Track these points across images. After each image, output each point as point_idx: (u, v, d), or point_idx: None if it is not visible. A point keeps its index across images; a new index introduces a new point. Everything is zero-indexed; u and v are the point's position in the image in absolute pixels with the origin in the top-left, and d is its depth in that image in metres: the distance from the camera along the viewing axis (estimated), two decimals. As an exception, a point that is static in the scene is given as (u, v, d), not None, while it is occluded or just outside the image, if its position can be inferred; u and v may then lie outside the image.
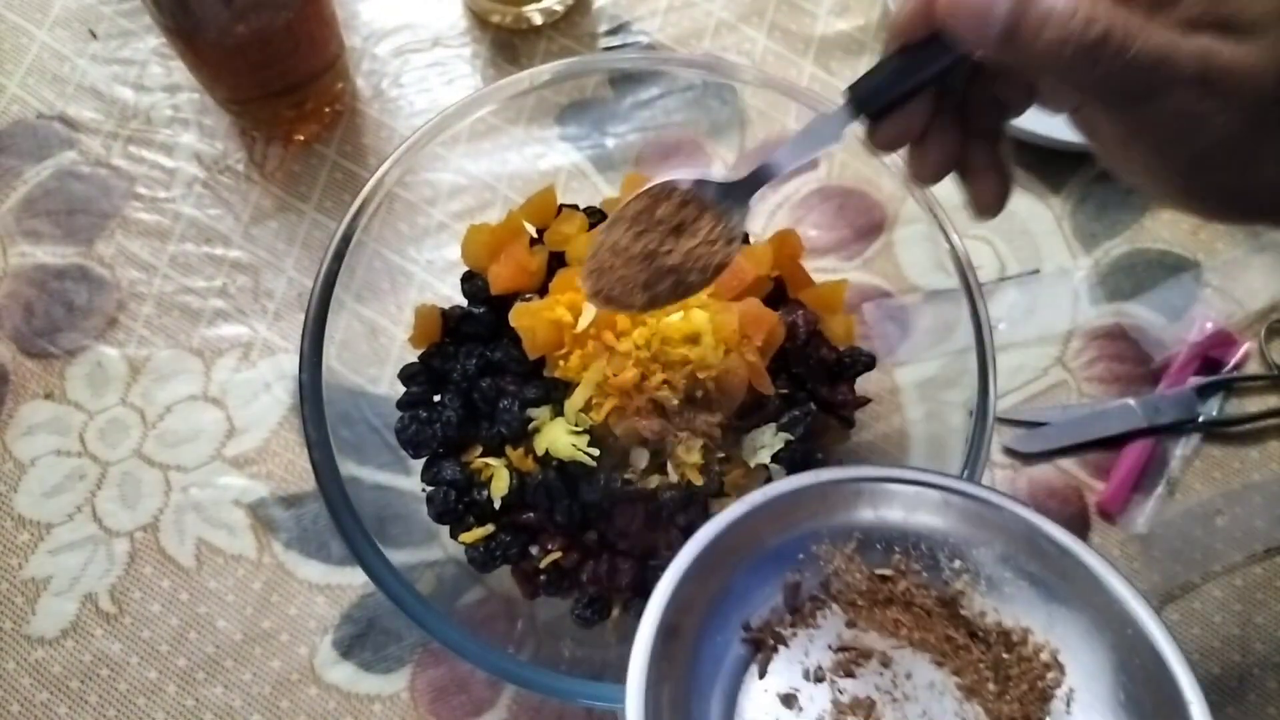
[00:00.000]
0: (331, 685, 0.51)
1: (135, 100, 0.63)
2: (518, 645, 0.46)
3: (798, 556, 0.35)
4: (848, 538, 0.35)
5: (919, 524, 0.35)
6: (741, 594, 0.35)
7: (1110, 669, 0.32)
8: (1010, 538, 0.35)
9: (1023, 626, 0.34)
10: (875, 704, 0.33)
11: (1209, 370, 0.58)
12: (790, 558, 0.35)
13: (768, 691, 0.33)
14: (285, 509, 0.54)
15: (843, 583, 0.35)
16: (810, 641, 0.35)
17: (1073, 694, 0.33)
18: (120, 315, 0.58)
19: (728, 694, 0.33)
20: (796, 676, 0.34)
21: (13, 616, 0.52)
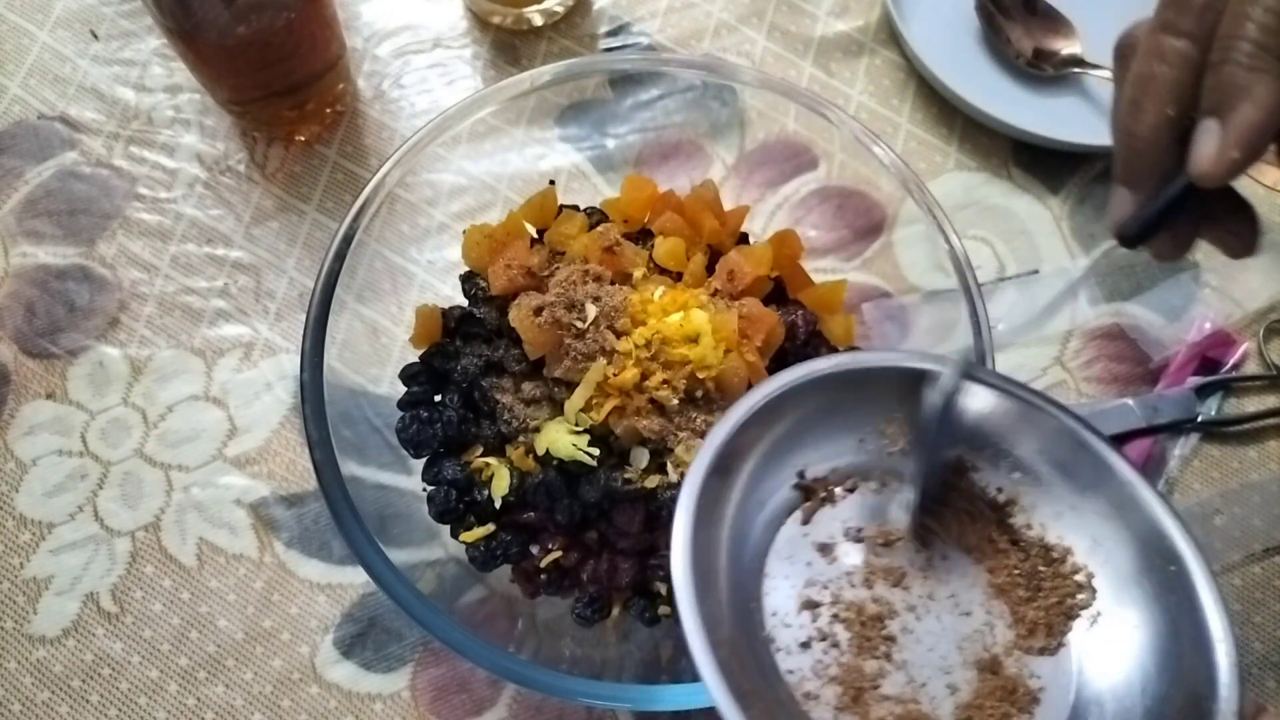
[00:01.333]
0: (332, 684, 0.51)
1: (137, 101, 0.63)
2: (518, 644, 0.46)
3: (868, 427, 0.36)
4: (915, 422, 0.36)
5: (987, 423, 0.36)
6: (804, 444, 0.35)
7: (1136, 573, 0.33)
8: (1057, 439, 0.35)
9: (1065, 545, 0.35)
10: (906, 574, 0.34)
11: (1207, 370, 0.58)
12: (861, 426, 0.36)
13: (806, 536, 0.34)
14: (286, 508, 0.54)
15: (902, 465, 0.36)
16: (858, 508, 0.35)
17: (1098, 618, 0.33)
18: (122, 315, 0.58)
19: (769, 528, 0.34)
20: (837, 532, 0.35)
21: (14, 616, 0.52)
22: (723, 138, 0.59)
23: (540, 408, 0.46)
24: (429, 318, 0.50)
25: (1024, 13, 0.65)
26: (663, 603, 0.47)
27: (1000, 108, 0.61)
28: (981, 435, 0.36)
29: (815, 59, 0.66)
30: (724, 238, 0.51)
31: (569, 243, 0.49)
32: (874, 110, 0.65)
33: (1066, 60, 0.64)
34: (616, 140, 0.60)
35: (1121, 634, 0.33)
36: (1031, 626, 0.33)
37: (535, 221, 0.51)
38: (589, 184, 0.60)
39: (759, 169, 0.58)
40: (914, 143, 0.64)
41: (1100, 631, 0.33)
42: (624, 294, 0.46)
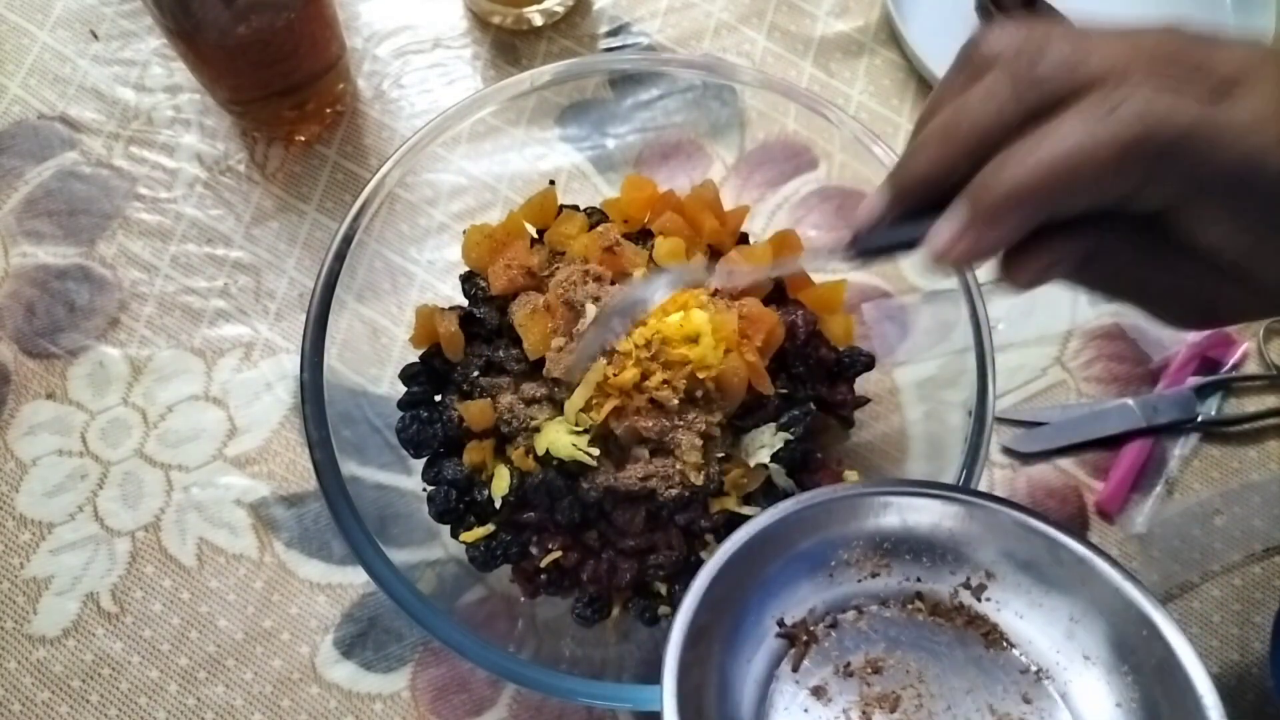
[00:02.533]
0: (333, 684, 0.51)
1: (137, 101, 0.63)
2: (518, 644, 0.46)
3: (830, 561, 0.37)
4: (877, 545, 0.37)
5: (941, 535, 0.37)
6: (776, 593, 0.36)
7: (1116, 647, 0.34)
8: (1024, 542, 0.36)
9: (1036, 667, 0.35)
10: (900, 698, 0.34)
11: (1207, 370, 0.58)
12: (823, 561, 0.37)
13: (799, 683, 0.35)
14: (286, 508, 0.54)
15: (873, 588, 0.37)
16: (842, 642, 0.36)
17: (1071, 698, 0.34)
18: (122, 315, 0.58)
19: (760, 684, 0.35)
20: (828, 673, 0.35)
21: (14, 616, 0.52)
22: (723, 138, 0.59)
23: (540, 408, 0.46)
24: (429, 318, 0.50)
25: (1024, 13, 0.65)
26: (663, 603, 0.47)
27: (1000, 108, 0.60)
28: (937, 545, 0.37)
29: (815, 59, 0.66)
30: (724, 238, 0.51)
31: (569, 243, 0.49)
32: (874, 110, 0.65)
33: (1066, 60, 0.64)
34: (616, 140, 0.60)
35: (1113, 716, 0.34)
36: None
37: (535, 221, 0.51)
38: (589, 184, 0.60)
39: (759, 169, 0.58)
40: (914, 143, 0.64)
41: (1094, 716, 0.34)
42: (624, 294, 0.46)
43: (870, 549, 0.37)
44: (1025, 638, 0.36)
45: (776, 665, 0.35)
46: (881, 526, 0.37)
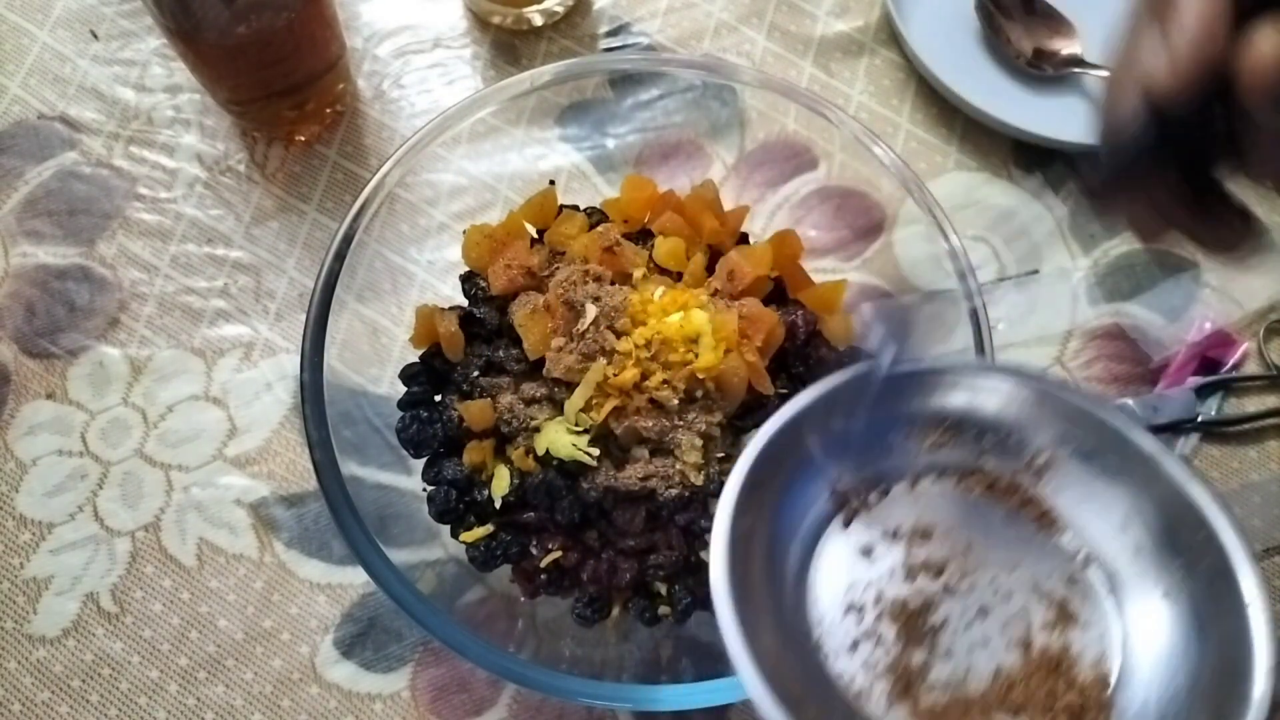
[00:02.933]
0: (332, 684, 0.51)
1: (137, 101, 0.63)
2: (518, 644, 0.46)
3: (893, 431, 0.37)
4: (940, 421, 0.37)
5: (1008, 416, 0.37)
6: (835, 455, 0.36)
7: (1168, 545, 0.34)
8: (1091, 433, 0.36)
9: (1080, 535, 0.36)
10: (946, 564, 0.35)
11: (1208, 370, 0.58)
12: (885, 431, 0.37)
13: (846, 542, 0.36)
14: (286, 508, 0.54)
15: (931, 461, 0.37)
16: (893, 509, 0.37)
17: (1125, 591, 0.35)
18: (122, 315, 0.58)
19: (807, 541, 0.36)
20: (876, 533, 0.36)
21: (14, 616, 0.52)
22: (723, 138, 0.59)
23: (540, 408, 0.46)
24: (429, 318, 0.50)
25: (1024, 13, 0.65)
26: (663, 603, 0.47)
27: (1000, 108, 0.61)
28: (1002, 427, 0.37)
29: (815, 59, 0.66)
30: (724, 238, 0.51)
31: (569, 243, 0.49)
32: (874, 110, 0.65)
33: (1066, 60, 0.64)
34: (616, 140, 0.60)
35: (1158, 607, 0.34)
36: (1063, 609, 0.34)
37: (535, 221, 0.51)
38: (589, 184, 0.60)
39: (759, 169, 0.58)
40: (914, 143, 0.64)
41: (1138, 605, 0.34)
42: (624, 294, 0.46)
43: (934, 424, 0.37)
44: (1078, 524, 0.36)
45: (826, 525, 0.36)
46: (948, 404, 0.37)
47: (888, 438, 0.37)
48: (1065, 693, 0.32)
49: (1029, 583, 0.35)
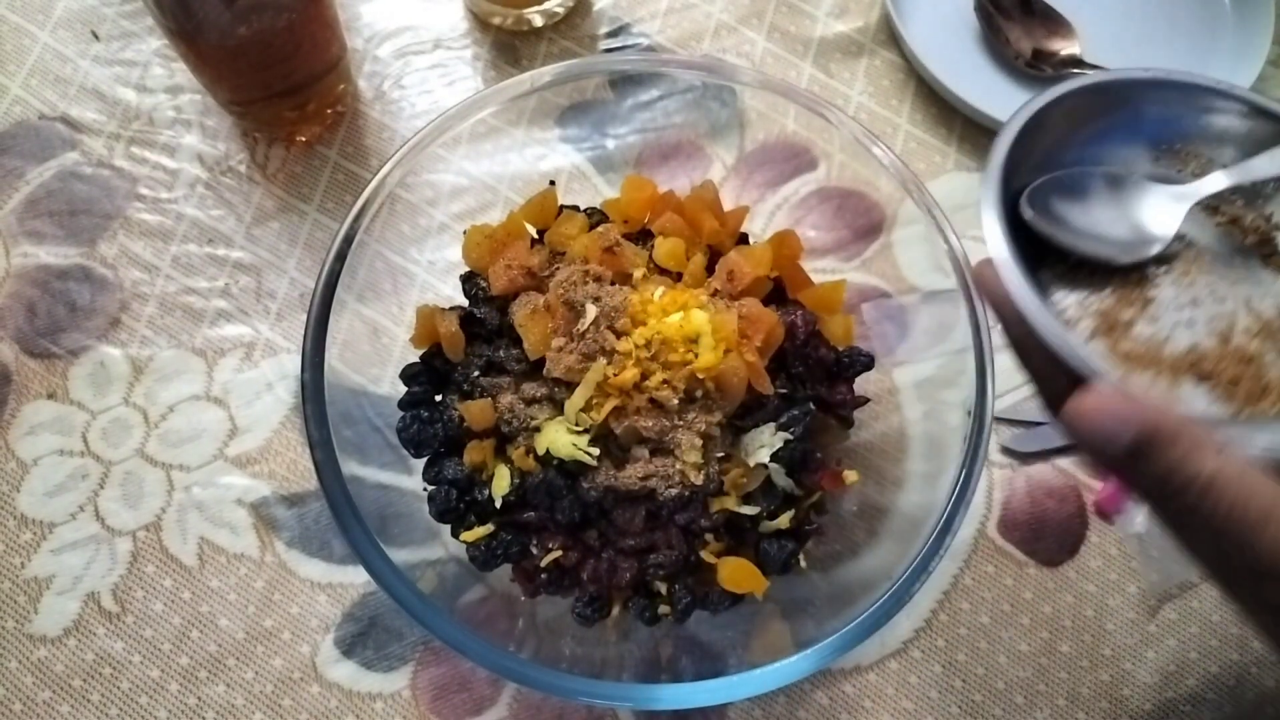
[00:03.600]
0: (333, 683, 0.51)
1: (138, 101, 0.63)
2: (518, 643, 0.46)
3: (1163, 144, 0.39)
4: (1209, 143, 0.38)
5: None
6: (1102, 142, 0.38)
7: None
8: None
9: None
10: (1174, 262, 0.36)
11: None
12: (1157, 140, 0.39)
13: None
14: (287, 508, 0.54)
15: (1184, 182, 0.38)
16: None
17: None
18: (123, 315, 0.58)
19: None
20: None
21: (15, 615, 0.52)
22: (722, 138, 0.59)
23: (540, 408, 0.46)
24: (429, 318, 0.50)
25: (1023, 13, 0.65)
26: (663, 602, 0.47)
27: (1000, 108, 0.61)
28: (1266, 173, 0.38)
29: (815, 60, 0.67)
30: (724, 238, 0.51)
31: (569, 243, 0.49)
32: (874, 110, 0.65)
33: (1065, 60, 0.64)
34: (616, 141, 0.60)
35: None
36: (1268, 326, 0.36)
37: (535, 222, 0.51)
38: (589, 184, 0.61)
39: (759, 169, 0.58)
40: (913, 143, 0.64)
41: None
42: (624, 294, 0.46)
43: (1201, 147, 0.38)
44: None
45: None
46: (1229, 127, 0.38)
47: (1157, 148, 0.38)
48: (1250, 379, 0.34)
49: (1244, 297, 0.36)
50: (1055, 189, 0.36)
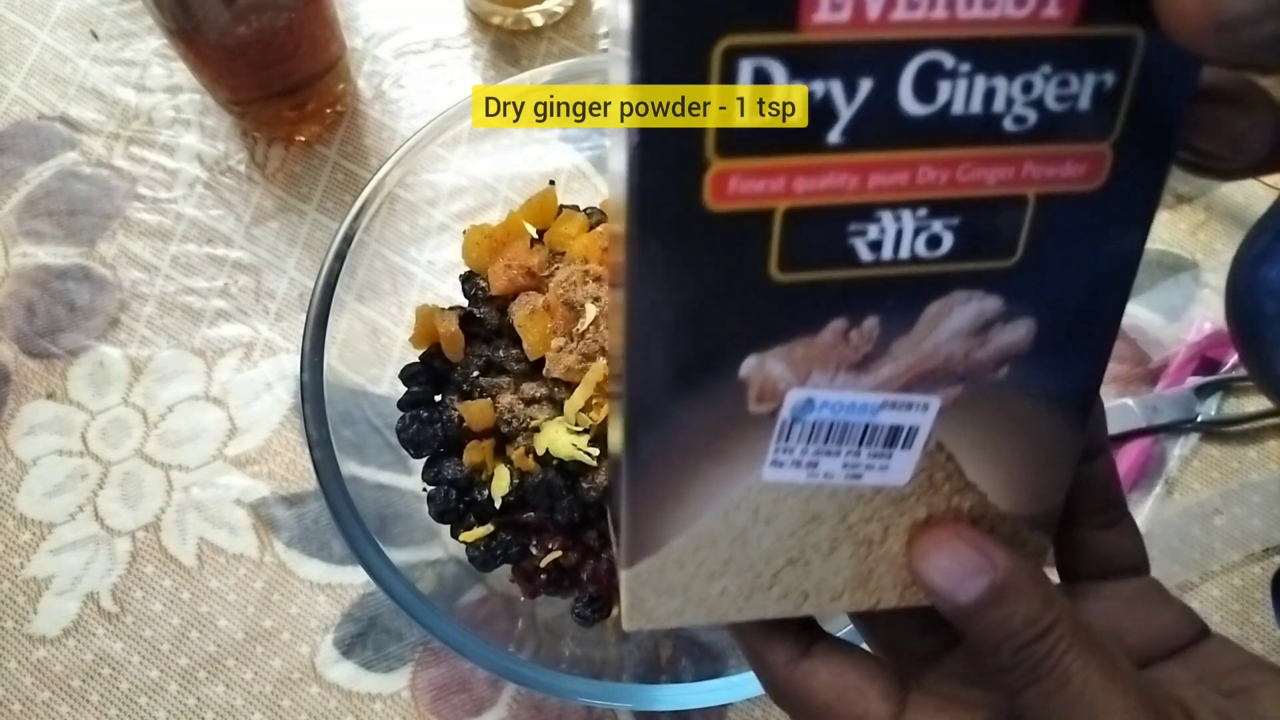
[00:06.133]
0: (333, 684, 0.51)
1: (137, 101, 0.63)
2: (518, 644, 0.46)
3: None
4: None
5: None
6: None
7: None
8: None
9: None
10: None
11: (1207, 370, 0.58)
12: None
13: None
14: (287, 508, 0.54)
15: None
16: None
17: None
18: (122, 315, 0.58)
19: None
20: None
21: (14, 616, 0.52)
22: (723, 138, 0.59)
23: (540, 408, 0.46)
24: (429, 318, 0.50)
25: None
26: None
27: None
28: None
29: (815, 59, 0.66)
30: (724, 238, 0.51)
31: (569, 243, 0.49)
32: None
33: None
34: (616, 140, 0.60)
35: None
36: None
37: (535, 222, 0.51)
38: (589, 184, 0.60)
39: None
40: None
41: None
42: (624, 294, 0.45)
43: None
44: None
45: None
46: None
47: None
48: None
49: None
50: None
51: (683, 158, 0.20)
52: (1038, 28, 0.19)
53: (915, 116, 0.20)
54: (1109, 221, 0.22)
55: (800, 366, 0.23)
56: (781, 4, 0.18)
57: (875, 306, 0.22)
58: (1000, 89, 0.20)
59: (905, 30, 0.19)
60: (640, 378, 0.22)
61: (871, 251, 0.21)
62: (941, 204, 0.21)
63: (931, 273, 0.22)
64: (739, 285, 0.21)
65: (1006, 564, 0.24)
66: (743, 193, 0.20)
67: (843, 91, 0.19)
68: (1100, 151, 0.21)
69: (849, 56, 0.19)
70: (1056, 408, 0.25)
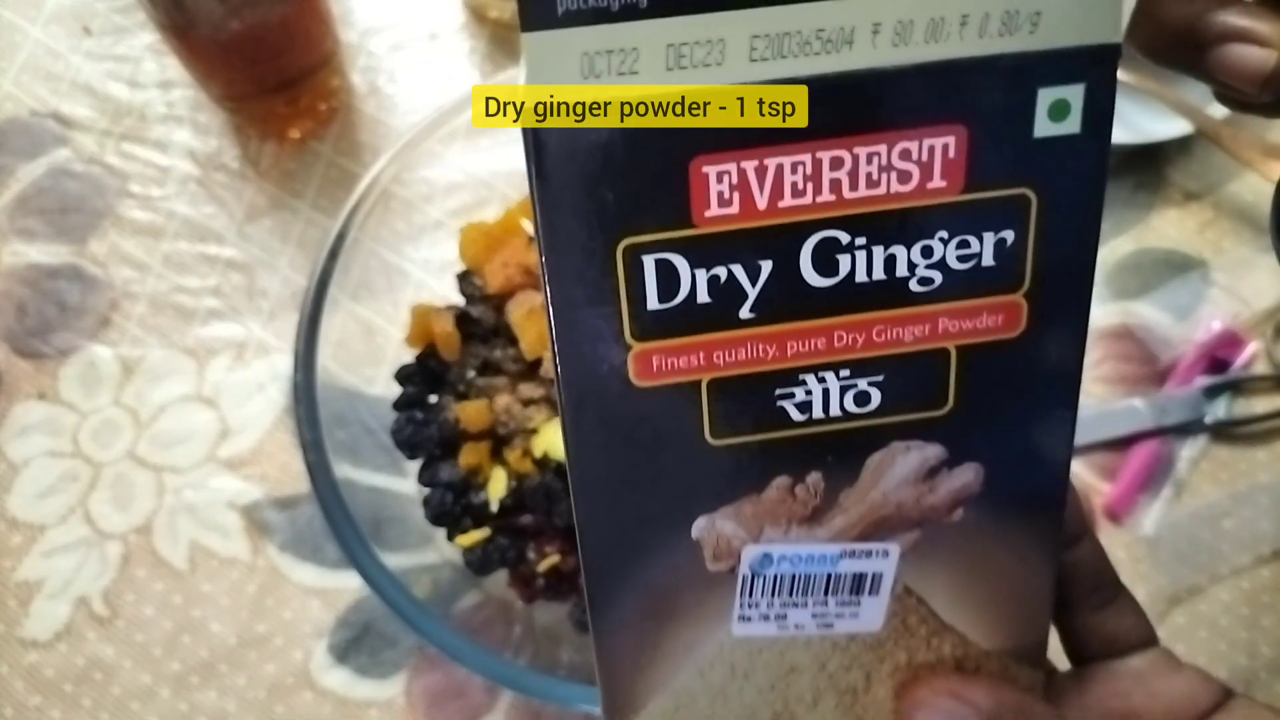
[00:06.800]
0: (327, 690, 0.50)
1: (129, 97, 0.62)
2: (515, 650, 0.46)
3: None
4: None
5: None
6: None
7: None
8: None
9: None
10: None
11: (1216, 370, 0.57)
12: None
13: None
14: (279, 511, 0.54)
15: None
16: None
17: None
18: (113, 315, 0.57)
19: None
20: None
21: (6, 620, 0.51)
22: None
23: (538, 409, 0.46)
24: (424, 317, 0.49)
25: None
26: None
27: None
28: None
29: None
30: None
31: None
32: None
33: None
34: (615, 137, 0.59)
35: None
36: None
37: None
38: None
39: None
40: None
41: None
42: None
43: None
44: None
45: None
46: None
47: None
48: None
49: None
50: None
51: (602, 345, 0.21)
52: (928, 198, 0.20)
53: (821, 287, 0.21)
54: (1037, 364, 0.22)
55: (751, 524, 0.23)
56: (674, 205, 0.20)
57: (816, 462, 0.22)
58: (900, 256, 0.21)
59: (796, 214, 0.20)
60: (593, 547, 0.23)
61: (801, 412, 0.22)
62: (863, 363, 0.22)
63: (866, 426, 0.22)
64: (676, 453, 0.22)
65: (991, 707, 0.24)
66: (666, 369, 0.21)
67: (745, 273, 0.20)
68: (1014, 301, 0.21)
69: (745, 243, 0.20)
70: (1021, 542, 0.25)
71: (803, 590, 0.24)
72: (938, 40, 0.19)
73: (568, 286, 0.20)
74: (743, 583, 0.24)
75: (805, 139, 0.19)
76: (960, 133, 0.20)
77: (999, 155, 0.20)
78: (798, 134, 0.19)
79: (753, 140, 0.19)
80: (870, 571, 0.24)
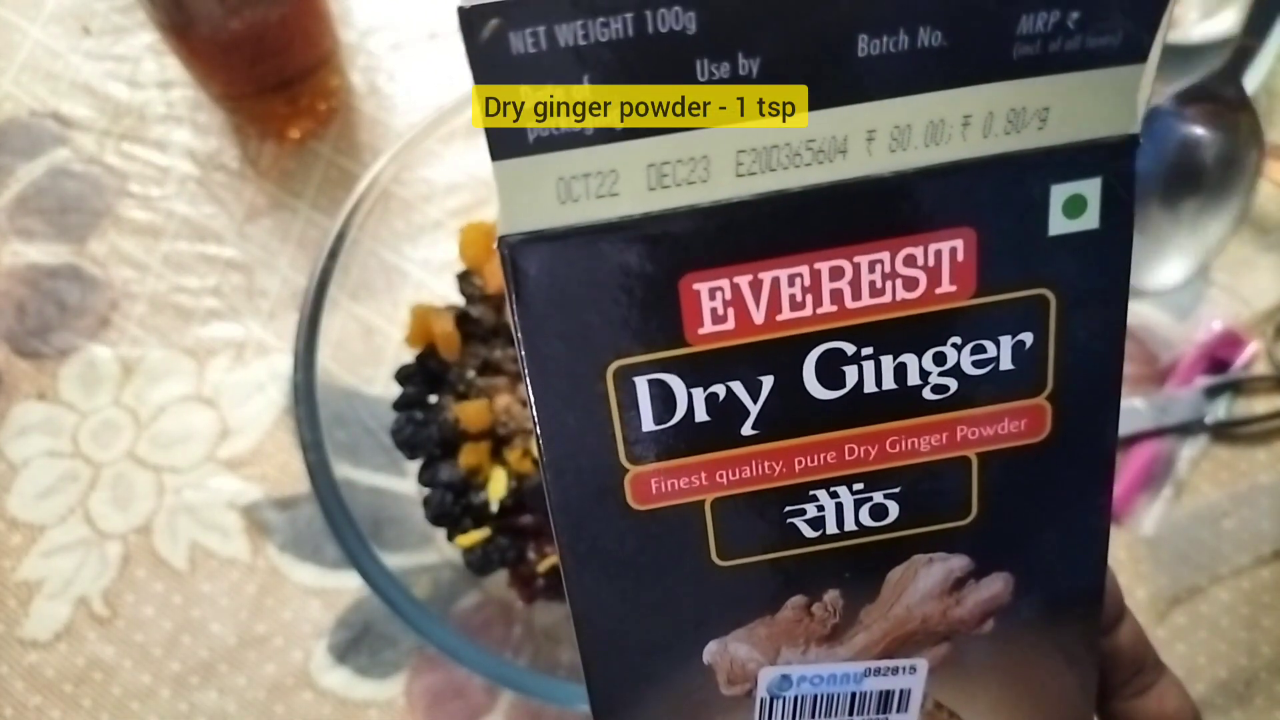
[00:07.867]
0: (326, 690, 0.50)
1: (129, 97, 0.62)
2: (515, 650, 0.46)
3: None
4: None
5: None
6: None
7: None
8: None
9: None
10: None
11: (1217, 370, 0.57)
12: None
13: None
14: (279, 512, 0.53)
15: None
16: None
17: None
18: (113, 315, 0.57)
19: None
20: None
21: (6, 620, 0.51)
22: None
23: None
24: (424, 317, 0.49)
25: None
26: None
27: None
28: None
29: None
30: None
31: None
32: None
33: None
34: (615, 136, 0.59)
35: None
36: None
37: (532, 219, 0.50)
38: (587, 181, 0.60)
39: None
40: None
41: None
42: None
43: None
44: None
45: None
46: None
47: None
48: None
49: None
50: None
51: (597, 469, 0.20)
52: (937, 304, 0.19)
53: (827, 400, 0.20)
54: (1065, 467, 0.21)
55: (766, 646, 0.22)
56: (665, 325, 0.19)
57: (833, 579, 0.21)
58: (911, 364, 0.19)
59: (796, 327, 0.19)
60: (599, 678, 0.22)
61: (814, 529, 0.21)
62: (878, 475, 0.20)
63: (885, 540, 0.21)
64: (682, 577, 0.21)
65: None
66: (665, 491, 0.20)
67: (745, 390, 0.19)
68: (1037, 405, 0.20)
69: (744, 359, 0.19)
70: (1059, 643, 0.23)
71: (826, 711, 0.23)
72: (938, 143, 0.18)
73: (556, 412, 0.19)
74: (761, 706, 0.22)
75: (801, 250, 0.18)
76: (969, 235, 0.18)
77: (1012, 256, 0.19)
78: (793, 245, 0.18)
79: (745, 254, 0.18)
80: (898, 688, 0.23)
